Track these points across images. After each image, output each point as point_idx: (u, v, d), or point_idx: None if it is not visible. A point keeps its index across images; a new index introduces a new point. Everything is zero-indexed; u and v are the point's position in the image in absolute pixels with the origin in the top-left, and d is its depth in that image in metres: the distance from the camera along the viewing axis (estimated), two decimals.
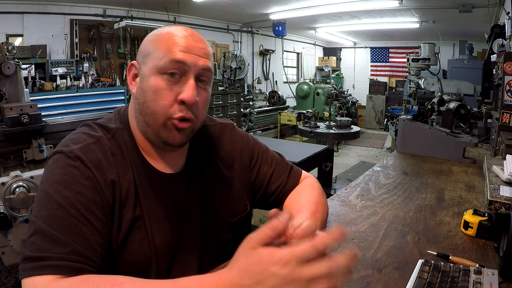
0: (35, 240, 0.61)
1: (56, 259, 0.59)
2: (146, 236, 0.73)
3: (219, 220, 0.85)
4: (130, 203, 0.73)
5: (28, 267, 0.59)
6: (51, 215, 0.63)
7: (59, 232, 0.61)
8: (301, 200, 0.90)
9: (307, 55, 10.14)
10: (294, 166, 1.02)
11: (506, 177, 1.04)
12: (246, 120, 6.02)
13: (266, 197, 0.96)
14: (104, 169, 0.71)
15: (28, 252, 0.60)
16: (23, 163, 2.24)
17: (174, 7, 5.55)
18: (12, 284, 2.04)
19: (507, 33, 2.65)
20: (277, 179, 0.96)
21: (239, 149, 0.92)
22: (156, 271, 0.74)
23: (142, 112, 0.74)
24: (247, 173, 0.93)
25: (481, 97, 3.25)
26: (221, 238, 0.85)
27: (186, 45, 0.72)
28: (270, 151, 1.00)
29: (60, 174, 0.67)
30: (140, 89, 0.74)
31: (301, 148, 3.20)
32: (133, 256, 0.72)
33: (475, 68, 5.72)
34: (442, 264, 0.75)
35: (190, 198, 0.81)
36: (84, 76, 4.47)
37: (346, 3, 5.43)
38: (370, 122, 9.59)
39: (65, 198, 0.64)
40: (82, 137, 0.74)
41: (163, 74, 0.71)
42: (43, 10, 4.53)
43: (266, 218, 2.09)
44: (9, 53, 2.20)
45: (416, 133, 1.92)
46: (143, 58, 0.74)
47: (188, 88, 0.71)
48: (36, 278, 0.58)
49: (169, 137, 0.73)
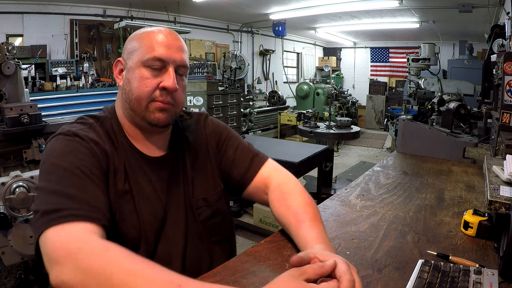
0: (48, 199, 0.65)
1: (73, 209, 0.63)
2: (135, 209, 0.81)
3: (197, 198, 0.91)
4: (120, 176, 0.81)
5: (46, 219, 0.62)
6: (60, 178, 0.69)
7: (71, 190, 0.67)
8: (293, 207, 0.85)
9: (307, 55, 10.14)
10: (261, 154, 1.01)
11: (506, 177, 1.04)
12: (246, 120, 6.01)
13: (230, 181, 1.00)
14: (98, 143, 0.79)
15: (43, 207, 0.64)
16: (23, 163, 2.24)
17: (174, 7, 5.55)
18: (12, 284, 2.04)
19: (507, 33, 2.64)
20: (239, 163, 0.98)
21: (209, 132, 1.01)
22: (145, 244, 0.80)
23: (128, 99, 0.83)
24: (217, 156, 0.99)
25: (481, 97, 3.24)
26: (201, 216, 0.91)
27: (166, 43, 0.82)
28: (239, 139, 1.04)
29: (62, 147, 0.75)
30: (126, 80, 0.84)
31: (301, 148, 3.20)
32: (124, 228, 0.78)
33: (475, 68, 5.71)
34: (442, 264, 0.75)
35: (174, 178, 0.90)
36: (84, 76, 4.46)
37: (346, 3, 5.43)
38: (370, 122, 9.59)
39: (70, 164, 0.71)
40: (76, 124, 0.83)
41: (147, 67, 0.81)
42: (43, 10, 4.52)
43: (266, 218, 2.11)
44: (9, 53, 2.19)
45: (416, 133, 1.91)
46: (129, 55, 0.85)
47: (168, 77, 0.81)
48: (60, 227, 0.60)
49: (154, 118, 0.82)
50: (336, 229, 0.99)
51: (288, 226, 0.85)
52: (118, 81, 0.87)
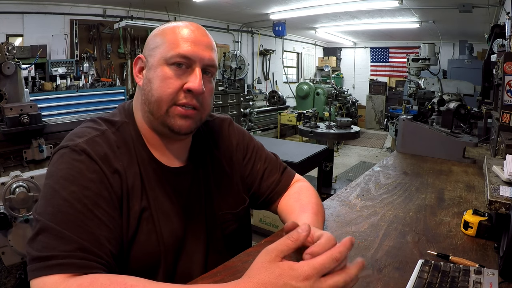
0: (41, 239, 0.60)
1: (62, 257, 0.58)
2: (154, 229, 0.74)
3: (223, 212, 0.86)
4: (136, 195, 0.73)
5: (35, 267, 0.58)
6: (57, 211, 0.62)
7: (65, 228, 0.61)
8: (302, 200, 0.90)
9: (307, 55, 10.14)
10: (288, 167, 1.01)
11: (506, 177, 1.04)
12: (246, 120, 6.01)
13: (257, 195, 0.96)
14: (110, 160, 0.71)
15: (34, 252, 0.59)
16: (23, 163, 2.24)
17: (174, 7, 5.55)
18: (12, 284, 2.03)
19: (507, 33, 2.64)
20: (269, 177, 0.96)
21: (236, 143, 0.94)
22: (165, 264, 0.75)
23: (147, 100, 0.75)
24: (242, 168, 0.94)
25: (481, 97, 3.24)
26: (226, 230, 0.87)
27: (192, 39, 0.74)
28: (265, 150, 1.00)
29: (66, 169, 0.67)
30: (147, 80, 0.75)
31: (301, 148, 3.20)
32: (143, 249, 0.72)
33: (475, 68, 5.71)
34: (442, 264, 0.75)
35: (194, 191, 0.83)
36: (84, 76, 4.46)
37: (346, 3, 5.43)
38: (370, 122, 9.59)
39: (71, 193, 0.64)
40: (87, 130, 0.74)
41: (171, 65, 0.73)
42: (43, 10, 4.52)
43: (266, 218, 2.10)
44: (9, 53, 2.19)
45: (416, 133, 1.91)
46: (151, 51, 0.76)
47: (194, 77, 0.73)
48: (45, 278, 0.57)
49: (175, 125, 0.74)
50: (336, 229, 0.99)
51: (291, 215, 0.85)
52: (137, 80, 0.78)
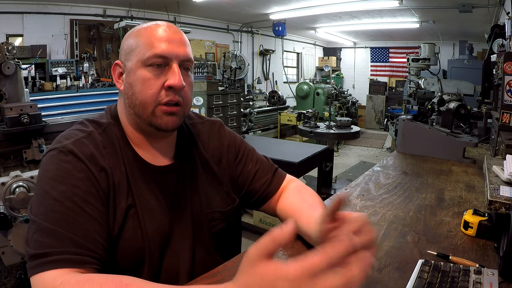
0: (37, 238, 0.64)
1: (57, 253, 0.61)
2: (139, 225, 0.76)
3: (211, 210, 0.87)
4: (122, 192, 0.75)
5: (33, 264, 0.61)
6: (49, 210, 0.65)
7: (58, 226, 0.64)
8: (308, 200, 0.90)
9: (307, 55, 10.14)
10: (279, 168, 1.03)
11: (506, 177, 1.04)
12: (246, 120, 6.01)
13: (249, 195, 0.97)
14: (97, 160, 0.73)
15: (31, 251, 0.63)
16: (23, 163, 2.24)
17: (174, 7, 5.55)
18: (12, 284, 2.04)
19: (507, 33, 2.65)
20: (261, 177, 0.97)
21: (226, 145, 0.96)
22: (150, 260, 0.76)
23: (132, 104, 0.77)
24: (233, 169, 0.95)
25: (481, 97, 3.24)
26: (214, 228, 0.87)
27: (166, 38, 0.75)
28: (257, 152, 1.02)
29: (54, 170, 0.70)
30: (128, 84, 0.77)
31: (301, 148, 3.20)
32: (128, 246, 0.74)
33: (475, 68, 5.71)
34: (442, 264, 0.75)
35: (180, 189, 0.84)
36: (84, 76, 4.46)
37: (346, 3, 5.43)
38: (370, 122, 9.59)
39: (61, 193, 0.67)
40: (74, 132, 0.77)
41: (148, 66, 0.75)
42: (43, 10, 4.52)
43: (266, 218, 2.11)
44: (9, 53, 2.19)
45: (416, 133, 1.91)
46: (127, 56, 0.78)
47: (173, 74, 0.75)
48: (43, 274, 0.60)
49: (162, 123, 0.76)
50: None
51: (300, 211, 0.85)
52: (118, 86, 0.80)
